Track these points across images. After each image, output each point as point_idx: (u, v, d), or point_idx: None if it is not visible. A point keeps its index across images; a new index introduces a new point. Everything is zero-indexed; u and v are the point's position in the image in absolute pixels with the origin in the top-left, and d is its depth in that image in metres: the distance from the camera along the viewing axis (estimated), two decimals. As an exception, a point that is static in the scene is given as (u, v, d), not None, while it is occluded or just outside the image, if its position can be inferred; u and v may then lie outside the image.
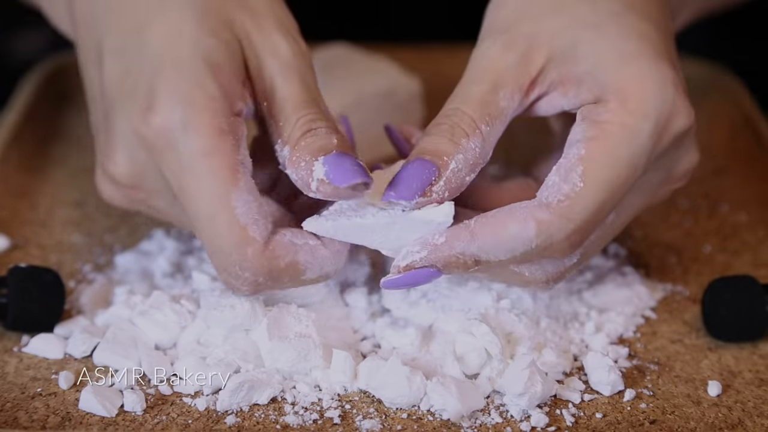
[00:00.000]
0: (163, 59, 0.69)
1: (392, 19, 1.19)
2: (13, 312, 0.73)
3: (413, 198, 0.68)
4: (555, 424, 0.69)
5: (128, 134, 0.70)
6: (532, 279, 0.72)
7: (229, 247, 0.68)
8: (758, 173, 0.95)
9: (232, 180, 0.68)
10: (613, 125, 0.69)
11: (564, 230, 0.68)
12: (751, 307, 0.74)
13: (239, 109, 0.70)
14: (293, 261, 0.69)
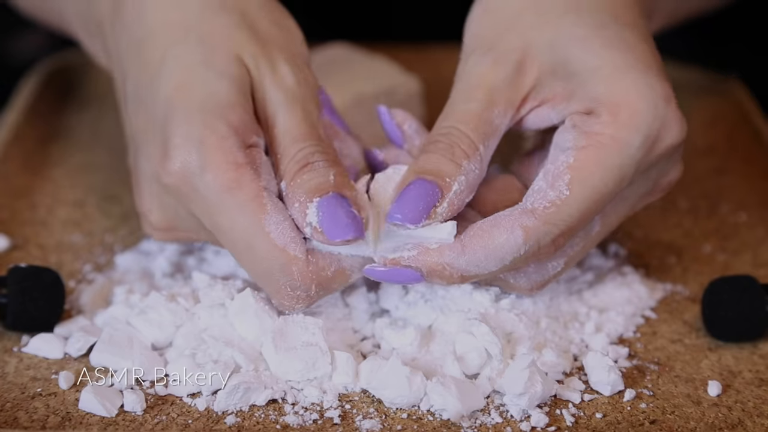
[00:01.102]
0: (174, 106, 0.71)
1: (392, 19, 1.19)
2: (13, 312, 0.73)
3: (420, 221, 0.69)
4: (555, 424, 0.69)
5: (153, 182, 0.72)
6: (516, 286, 0.73)
7: (275, 270, 0.69)
8: (758, 173, 0.95)
9: (259, 208, 0.69)
10: (604, 137, 0.70)
11: (550, 235, 0.69)
12: (751, 307, 0.74)
13: (253, 142, 0.71)
14: (339, 268, 0.71)
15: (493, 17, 0.75)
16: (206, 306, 0.73)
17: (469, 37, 0.76)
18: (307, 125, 0.73)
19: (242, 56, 0.73)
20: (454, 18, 1.20)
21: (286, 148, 0.72)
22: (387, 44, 1.06)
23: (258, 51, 0.73)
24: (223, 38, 0.73)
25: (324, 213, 0.69)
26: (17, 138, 0.96)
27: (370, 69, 0.97)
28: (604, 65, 0.71)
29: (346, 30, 1.09)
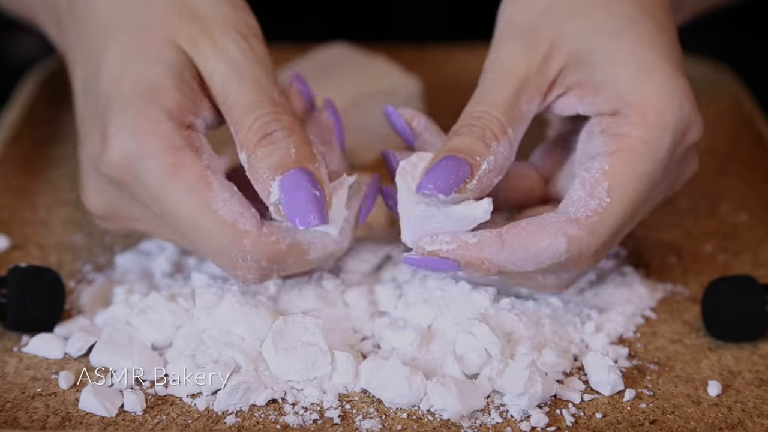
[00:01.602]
0: (110, 98, 0.71)
1: (392, 19, 1.19)
2: (13, 312, 0.73)
3: (451, 192, 0.70)
4: (555, 424, 0.69)
5: (93, 172, 0.73)
6: (545, 284, 0.73)
7: (226, 246, 0.70)
8: (758, 173, 0.95)
9: (204, 187, 0.69)
10: (634, 139, 0.71)
11: (593, 245, 0.70)
12: (751, 307, 0.74)
13: (190, 122, 0.72)
14: (294, 242, 0.71)
15: (526, 6, 0.75)
16: (202, 307, 0.73)
17: (502, 24, 0.76)
18: (257, 93, 0.73)
19: (177, 40, 0.73)
20: (454, 18, 1.21)
21: (239, 119, 0.72)
22: (387, 44, 1.06)
23: (196, 30, 0.73)
24: (159, 25, 0.73)
25: (286, 196, 0.70)
26: (16, 139, 0.96)
27: (370, 69, 0.98)
28: (630, 62, 0.72)
29: (346, 30, 1.09)
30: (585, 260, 0.71)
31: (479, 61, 1.11)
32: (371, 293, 0.77)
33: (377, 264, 0.80)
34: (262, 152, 0.71)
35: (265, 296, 0.75)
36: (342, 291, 0.77)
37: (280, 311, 0.74)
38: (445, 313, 0.74)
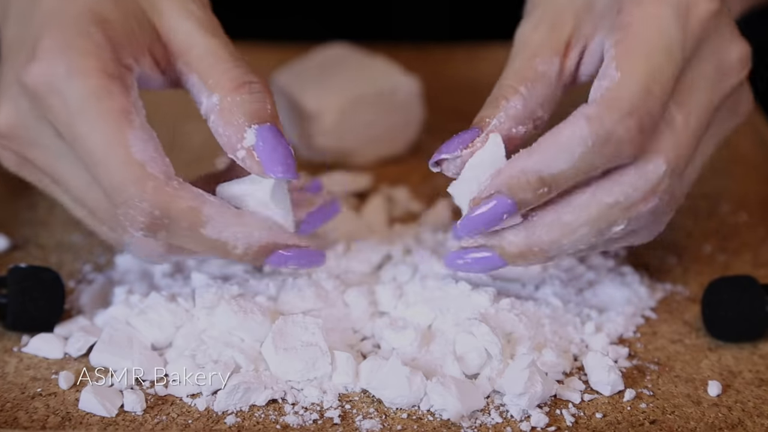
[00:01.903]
0: (52, 16, 0.70)
1: (392, 19, 1.19)
2: (13, 312, 0.73)
3: (456, 150, 0.71)
4: (555, 424, 0.69)
5: (12, 84, 0.71)
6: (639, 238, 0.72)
7: (128, 182, 0.68)
8: (758, 173, 0.95)
9: (125, 120, 0.68)
10: (635, 21, 0.70)
11: (615, 118, 0.67)
12: (751, 307, 0.74)
13: (128, 63, 0.70)
14: (195, 207, 0.69)
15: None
16: (201, 307, 0.73)
17: (526, 3, 0.77)
18: (230, 47, 0.73)
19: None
20: (454, 18, 1.21)
21: (213, 65, 0.72)
22: (387, 44, 1.06)
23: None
24: None
25: (264, 143, 0.70)
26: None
27: (370, 69, 0.98)
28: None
29: (346, 30, 1.09)
30: (617, 140, 0.67)
31: (479, 61, 1.12)
32: (371, 293, 0.77)
33: (377, 264, 0.80)
34: (241, 98, 0.70)
35: (264, 296, 0.75)
36: (342, 291, 0.77)
37: (280, 311, 0.74)
38: (445, 313, 0.74)
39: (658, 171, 0.69)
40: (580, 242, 0.70)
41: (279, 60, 1.02)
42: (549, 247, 0.70)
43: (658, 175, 0.69)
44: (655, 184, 0.69)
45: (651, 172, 0.69)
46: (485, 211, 0.70)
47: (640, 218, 0.70)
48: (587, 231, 0.69)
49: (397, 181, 0.94)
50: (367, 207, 0.89)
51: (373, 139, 0.96)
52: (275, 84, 0.99)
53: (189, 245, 0.70)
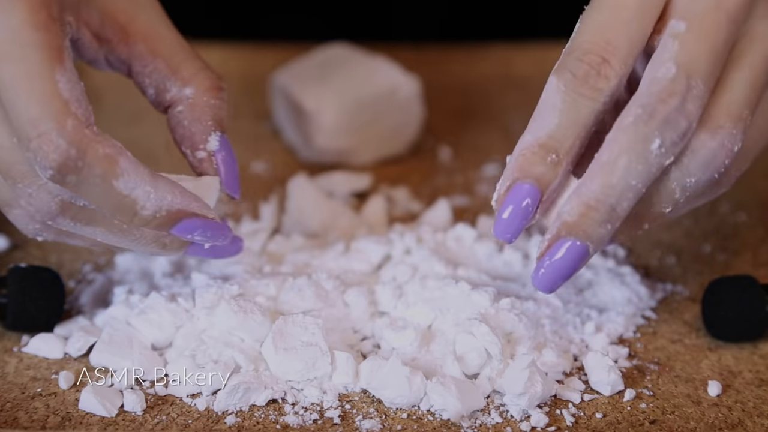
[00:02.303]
0: None
1: (392, 19, 1.20)
2: (13, 312, 0.73)
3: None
4: (555, 424, 0.69)
5: None
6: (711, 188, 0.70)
7: (48, 115, 0.66)
8: (758, 173, 0.95)
9: (57, 57, 0.67)
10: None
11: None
12: (751, 307, 0.74)
13: (68, 19, 0.69)
14: (112, 155, 0.66)
15: None
16: (202, 307, 0.73)
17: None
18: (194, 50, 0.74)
19: None
20: (454, 18, 1.21)
21: (188, 59, 0.73)
22: (387, 44, 1.06)
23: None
24: None
25: (228, 158, 0.72)
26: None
27: (370, 69, 0.98)
28: None
29: (346, 30, 1.09)
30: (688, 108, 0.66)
31: (479, 61, 1.12)
32: (371, 293, 0.77)
33: (377, 264, 0.80)
34: (214, 101, 0.72)
35: (264, 296, 0.75)
36: (342, 291, 0.77)
37: (280, 311, 0.74)
38: (445, 313, 0.74)
39: (667, 74, 0.66)
40: (631, 176, 0.66)
41: (279, 60, 1.02)
42: (603, 195, 0.66)
43: (668, 77, 0.66)
44: (667, 84, 0.66)
45: (661, 74, 0.67)
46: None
47: (674, 127, 0.66)
48: (628, 160, 0.66)
49: (397, 181, 0.94)
50: (367, 207, 0.89)
51: (373, 139, 0.96)
52: (275, 84, 0.99)
53: (96, 198, 0.67)
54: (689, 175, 0.68)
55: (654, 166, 0.66)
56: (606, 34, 0.67)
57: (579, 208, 0.67)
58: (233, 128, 1.00)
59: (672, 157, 0.67)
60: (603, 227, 0.67)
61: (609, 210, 0.67)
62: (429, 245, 0.81)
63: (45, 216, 0.69)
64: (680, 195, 0.68)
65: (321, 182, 0.91)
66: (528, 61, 1.11)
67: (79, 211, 0.69)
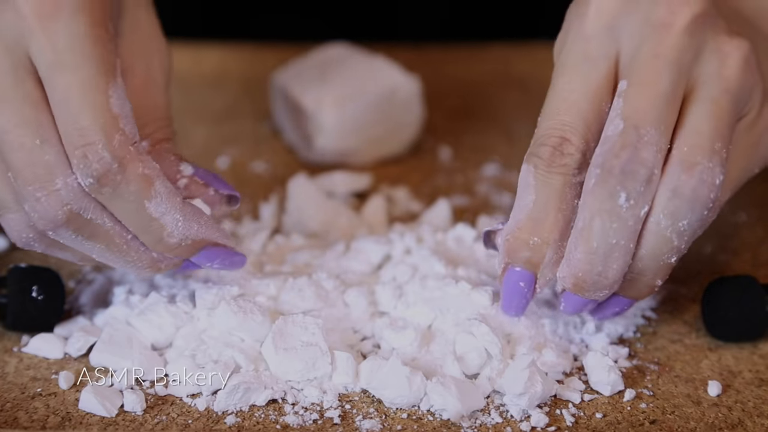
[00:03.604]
0: None
1: (392, 19, 1.20)
2: (13, 312, 0.73)
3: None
4: (555, 424, 0.69)
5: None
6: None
7: (98, 126, 0.67)
8: (758, 173, 0.95)
9: (111, 72, 0.68)
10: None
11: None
12: (751, 307, 0.74)
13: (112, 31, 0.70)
14: (150, 177, 0.68)
15: None
16: (202, 308, 0.73)
17: None
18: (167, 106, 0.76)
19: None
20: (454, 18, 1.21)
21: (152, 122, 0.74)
22: (387, 44, 1.06)
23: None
24: None
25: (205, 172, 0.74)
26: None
27: (370, 69, 0.98)
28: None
29: (346, 30, 1.09)
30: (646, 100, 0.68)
31: (479, 61, 1.12)
32: (371, 293, 0.77)
33: (377, 264, 0.80)
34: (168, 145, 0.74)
35: (264, 296, 0.75)
36: (342, 291, 0.77)
37: (280, 311, 0.74)
38: (445, 313, 0.74)
39: (616, 129, 0.68)
40: (609, 236, 0.68)
41: (279, 60, 1.02)
42: (588, 263, 0.69)
43: (617, 132, 0.68)
44: (617, 139, 0.67)
45: (610, 131, 0.68)
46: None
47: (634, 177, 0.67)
48: (601, 221, 0.68)
49: (397, 181, 0.94)
50: (367, 207, 0.89)
51: (373, 139, 0.96)
52: (275, 84, 0.99)
53: (126, 214, 0.69)
54: (679, 218, 0.69)
55: (629, 219, 0.68)
56: (560, 117, 0.70)
57: (571, 279, 0.70)
58: (233, 128, 1.01)
59: (645, 206, 0.68)
60: (600, 291, 0.70)
61: (599, 277, 0.69)
62: (429, 245, 0.81)
63: (48, 224, 0.68)
64: (678, 241, 0.70)
65: (321, 182, 0.91)
66: (528, 61, 1.11)
67: (84, 225, 0.69)
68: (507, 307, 0.72)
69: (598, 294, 0.70)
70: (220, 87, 1.07)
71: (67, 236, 0.69)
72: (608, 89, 0.70)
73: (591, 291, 0.70)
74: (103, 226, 0.69)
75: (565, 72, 0.71)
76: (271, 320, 0.72)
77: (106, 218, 0.69)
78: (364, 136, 0.95)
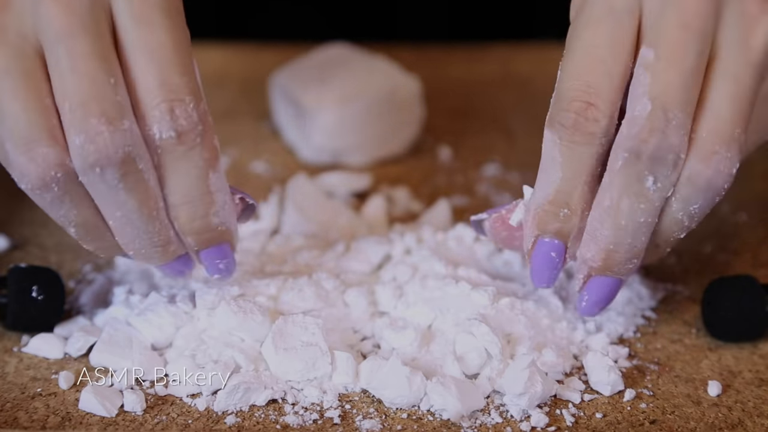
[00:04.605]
0: None
1: (392, 19, 1.20)
2: (13, 312, 0.73)
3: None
4: (555, 424, 0.69)
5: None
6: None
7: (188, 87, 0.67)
8: (757, 173, 0.95)
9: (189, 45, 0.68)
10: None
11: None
12: (751, 307, 0.74)
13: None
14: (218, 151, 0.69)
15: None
16: (202, 308, 0.73)
17: None
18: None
19: None
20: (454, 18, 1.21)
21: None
22: (387, 44, 1.06)
23: None
24: None
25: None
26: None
27: (370, 69, 0.98)
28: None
29: (346, 30, 1.09)
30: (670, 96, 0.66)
31: (479, 61, 1.12)
32: (371, 293, 0.77)
33: (377, 264, 0.80)
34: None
35: (264, 296, 0.75)
36: (342, 291, 0.77)
37: (280, 311, 0.74)
38: (445, 313, 0.74)
39: (644, 111, 0.67)
40: (637, 215, 0.68)
41: (279, 60, 1.02)
42: (618, 237, 0.69)
43: (644, 115, 0.67)
44: (645, 123, 0.67)
45: (638, 112, 0.67)
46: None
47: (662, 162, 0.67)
48: (629, 201, 0.68)
49: (397, 181, 0.94)
50: (367, 207, 0.89)
51: (373, 139, 0.96)
52: (275, 84, 0.99)
53: (187, 178, 0.68)
54: (692, 203, 0.69)
55: (656, 201, 0.68)
56: (585, 78, 0.68)
57: (600, 254, 0.70)
58: (233, 128, 1.01)
59: (671, 187, 0.68)
60: (629, 263, 0.70)
61: (629, 248, 0.70)
62: (429, 245, 0.81)
63: (102, 159, 0.66)
64: (689, 222, 0.70)
65: (321, 182, 0.92)
66: (528, 61, 1.11)
67: (132, 172, 0.67)
68: (538, 279, 0.72)
69: (627, 267, 0.70)
70: (220, 87, 1.07)
71: (110, 179, 0.66)
72: (633, 45, 0.68)
73: (621, 264, 0.70)
74: (147, 182, 0.67)
75: (590, 26, 0.68)
76: (271, 320, 0.72)
77: (153, 177, 0.68)
78: (364, 136, 0.96)
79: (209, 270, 0.72)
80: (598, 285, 0.71)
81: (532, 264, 0.72)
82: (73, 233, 0.70)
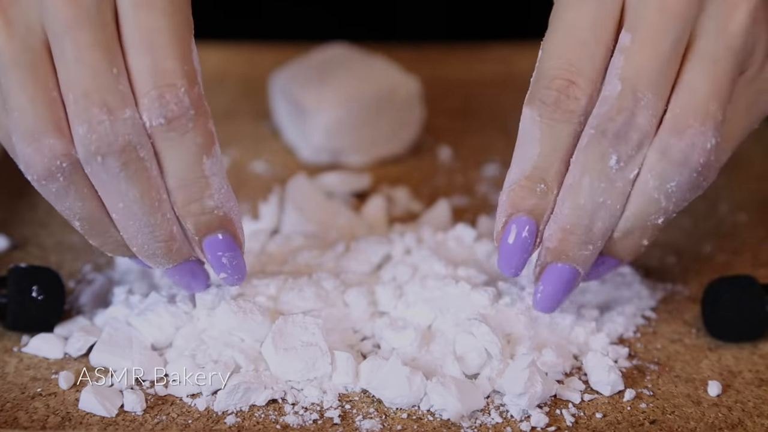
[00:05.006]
0: None
1: (392, 19, 1.20)
2: (13, 312, 0.73)
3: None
4: (555, 424, 0.69)
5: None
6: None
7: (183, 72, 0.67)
8: (757, 173, 0.95)
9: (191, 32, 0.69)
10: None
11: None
12: (751, 307, 0.74)
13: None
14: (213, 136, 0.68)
15: None
16: (202, 308, 0.73)
17: None
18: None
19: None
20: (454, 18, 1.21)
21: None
22: (387, 44, 1.06)
23: None
24: None
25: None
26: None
27: (370, 69, 0.98)
28: None
29: (346, 30, 1.09)
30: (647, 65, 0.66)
31: (478, 61, 1.12)
32: (371, 293, 0.77)
33: (377, 264, 0.80)
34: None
35: (264, 296, 0.75)
36: (342, 291, 0.77)
37: (280, 311, 0.74)
38: (445, 313, 0.74)
39: (613, 91, 0.67)
40: (597, 194, 0.68)
41: (279, 60, 1.02)
42: (576, 217, 0.68)
43: (614, 95, 0.67)
44: (614, 102, 0.67)
45: (608, 92, 0.67)
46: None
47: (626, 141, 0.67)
48: (590, 179, 0.68)
49: (397, 181, 0.94)
50: (367, 207, 0.89)
51: (373, 139, 0.96)
52: (275, 84, 0.99)
53: (181, 162, 0.68)
54: (667, 180, 0.68)
55: (618, 181, 0.68)
56: (567, 56, 0.68)
57: (557, 234, 0.70)
58: (233, 128, 1.01)
59: (636, 168, 0.68)
60: (584, 248, 0.70)
61: (585, 231, 0.69)
62: (429, 245, 0.81)
63: (103, 147, 0.66)
64: (666, 202, 0.69)
65: (321, 182, 0.92)
66: (528, 61, 1.10)
67: (134, 161, 0.67)
68: (508, 263, 0.71)
69: (582, 252, 0.70)
70: (220, 87, 1.07)
71: (112, 167, 0.66)
72: (615, 27, 0.68)
73: (576, 247, 0.69)
74: (149, 171, 0.67)
75: (572, 6, 0.68)
76: (271, 320, 0.72)
77: (154, 166, 0.68)
78: (364, 136, 0.96)
79: (214, 266, 0.71)
80: (554, 273, 0.71)
81: (502, 246, 0.70)
82: (78, 227, 0.70)
